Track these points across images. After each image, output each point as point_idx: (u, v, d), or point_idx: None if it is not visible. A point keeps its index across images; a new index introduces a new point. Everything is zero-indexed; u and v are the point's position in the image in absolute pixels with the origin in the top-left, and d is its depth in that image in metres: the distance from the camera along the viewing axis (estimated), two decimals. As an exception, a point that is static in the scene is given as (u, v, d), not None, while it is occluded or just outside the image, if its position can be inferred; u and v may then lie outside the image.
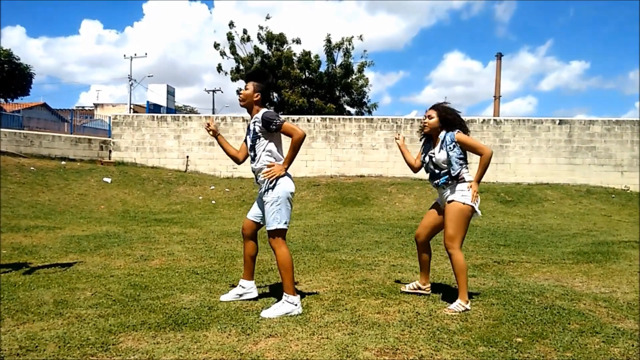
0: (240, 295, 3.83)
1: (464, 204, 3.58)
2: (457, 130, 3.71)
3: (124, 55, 50.09)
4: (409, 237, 7.44)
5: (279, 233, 3.56)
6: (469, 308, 3.50)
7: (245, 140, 3.80)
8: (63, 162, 15.58)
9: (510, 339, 2.94)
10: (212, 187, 15.28)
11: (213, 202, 13.61)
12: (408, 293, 3.95)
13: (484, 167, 3.62)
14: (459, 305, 3.48)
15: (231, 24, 23.85)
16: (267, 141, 3.61)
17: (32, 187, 12.34)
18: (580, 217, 11.73)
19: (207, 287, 4.24)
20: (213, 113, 39.90)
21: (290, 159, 3.60)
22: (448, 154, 3.64)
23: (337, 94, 24.23)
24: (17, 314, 3.39)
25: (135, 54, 39.66)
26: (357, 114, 24.50)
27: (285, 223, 3.58)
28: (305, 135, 3.60)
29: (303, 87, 23.30)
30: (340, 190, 14.66)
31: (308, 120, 18.03)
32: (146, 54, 54.54)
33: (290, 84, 22.78)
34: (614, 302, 3.79)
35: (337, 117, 18.69)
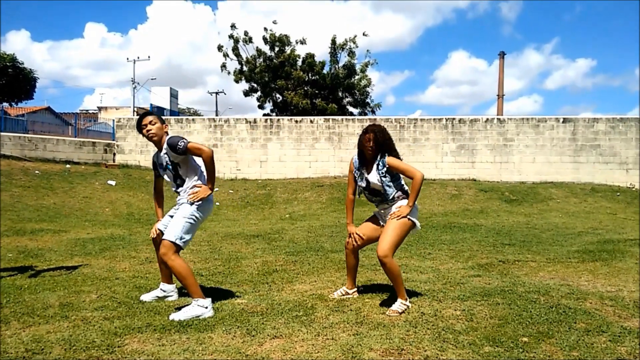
0: (161, 297, 3.87)
1: (407, 217, 3.59)
2: (386, 155, 3.65)
3: (127, 59, 50.32)
4: (413, 238, 7.43)
5: (175, 247, 3.44)
6: (409, 305, 3.54)
7: (161, 176, 3.85)
8: (67, 166, 15.64)
9: (516, 338, 2.93)
10: (216, 189, 15.30)
11: (217, 203, 13.63)
12: (336, 298, 3.86)
13: (416, 192, 3.60)
14: (401, 304, 3.49)
15: (233, 26, 23.92)
16: (187, 166, 3.63)
17: (37, 190, 12.39)
18: (585, 215, 11.68)
19: (211, 289, 4.24)
20: (216, 115, 39.99)
21: (212, 180, 3.60)
22: (381, 179, 3.63)
23: (340, 94, 24.24)
24: (23, 317, 3.41)
25: (138, 57, 39.86)
26: (360, 114, 24.50)
27: (185, 242, 3.51)
28: (212, 153, 3.58)
29: (306, 89, 23.32)
30: (344, 190, 14.62)
31: (311, 121, 18.03)
32: (149, 57, 54.73)
33: (293, 86, 22.80)
34: (621, 300, 3.77)
35: (340, 117, 18.69)
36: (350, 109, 24.88)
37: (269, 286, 4.37)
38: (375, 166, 3.65)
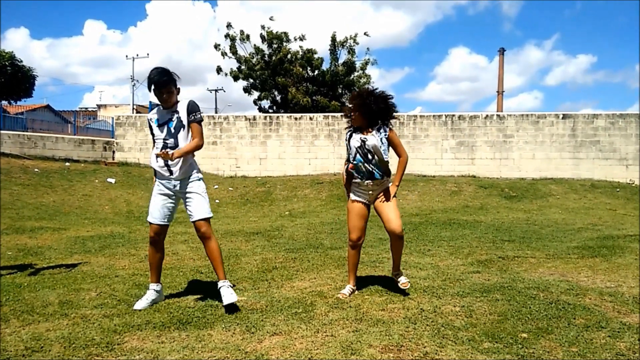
0: (156, 301, 3.69)
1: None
2: (388, 127, 3.78)
3: (126, 56, 50.23)
4: (413, 234, 7.43)
5: (209, 221, 3.65)
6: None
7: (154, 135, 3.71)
8: (67, 163, 15.63)
9: (516, 334, 2.93)
10: (216, 187, 15.30)
11: (217, 201, 13.63)
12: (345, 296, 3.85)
13: (403, 169, 3.83)
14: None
15: (229, 25, 23.86)
16: (186, 134, 3.65)
17: (37, 188, 12.39)
18: (585, 211, 11.68)
19: (211, 286, 4.24)
20: (216, 112, 39.95)
21: (185, 151, 3.60)
22: (381, 142, 3.69)
23: (340, 91, 24.21)
24: (23, 314, 3.41)
25: (138, 55, 39.72)
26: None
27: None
28: (201, 147, 3.72)
29: (306, 85, 23.29)
30: (344, 188, 14.64)
31: (310, 118, 18.02)
32: (148, 54, 54.58)
33: (293, 82, 22.77)
34: (620, 296, 3.77)
35: (339, 114, 18.67)
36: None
37: (268, 283, 4.37)
38: (376, 130, 3.71)
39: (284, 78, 22.56)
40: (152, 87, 3.59)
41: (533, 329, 3.02)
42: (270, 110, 24.37)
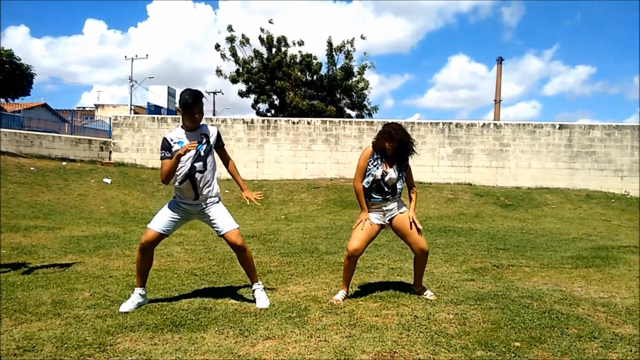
0: (142, 304, 3.67)
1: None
2: (408, 160, 4.02)
3: (125, 57, 50.20)
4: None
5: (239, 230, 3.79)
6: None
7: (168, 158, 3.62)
8: (63, 163, 15.58)
9: (509, 343, 2.94)
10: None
11: (213, 203, 13.61)
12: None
13: (416, 200, 4.24)
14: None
15: (229, 28, 23.90)
16: (214, 157, 3.81)
17: (32, 187, 12.34)
18: (579, 221, 11.73)
19: (205, 289, 4.24)
20: (214, 115, 39.94)
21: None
22: (399, 177, 3.94)
23: (338, 96, 24.24)
24: (15, 314, 3.39)
25: (137, 55, 39.71)
26: (357, 116, 24.51)
27: None
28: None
29: (304, 89, 23.32)
30: (340, 192, 14.65)
31: (308, 123, 18.04)
32: (147, 55, 54.67)
33: (291, 86, 22.80)
34: (613, 307, 3.79)
35: (337, 119, 18.71)
36: (348, 111, 24.89)
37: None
38: (397, 164, 3.90)
39: (284, 82, 22.59)
40: (190, 104, 3.58)
41: (526, 338, 3.03)
42: (268, 114, 24.39)
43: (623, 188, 16.67)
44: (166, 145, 3.61)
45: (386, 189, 3.90)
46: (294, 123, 18.04)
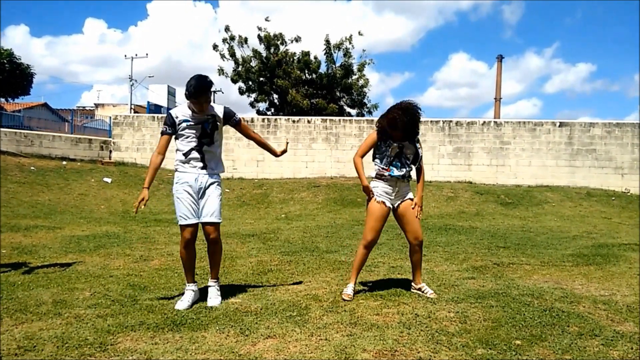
0: (196, 301, 3.73)
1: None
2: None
3: (125, 56, 50.19)
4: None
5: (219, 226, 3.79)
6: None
7: (173, 134, 3.77)
8: (63, 162, 15.58)
9: (509, 341, 2.94)
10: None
11: (213, 202, 13.61)
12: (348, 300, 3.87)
13: (424, 180, 4.14)
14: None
15: (227, 29, 23.88)
16: (220, 135, 3.94)
17: (32, 186, 12.34)
18: (580, 219, 11.72)
19: (206, 288, 4.23)
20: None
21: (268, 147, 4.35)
22: (418, 150, 3.95)
23: (338, 94, 24.22)
24: (16, 313, 3.39)
25: (136, 54, 39.72)
26: (357, 115, 24.50)
27: None
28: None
29: (304, 88, 23.30)
30: (341, 191, 14.65)
31: (308, 122, 18.03)
32: (147, 54, 54.64)
33: (292, 84, 22.78)
34: (614, 304, 3.79)
35: (337, 118, 18.70)
36: (348, 109, 24.88)
37: (263, 286, 4.37)
38: (412, 141, 3.89)
39: (282, 80, 22.57)
40: (193, 94, 3.59)
41: (527, 336, 3.03)
42: (268, 113, 24.37)
43: (623, 186, 16.66)
44: (170, 121, 3.73)
45: (397, 167, 3.87)
46: (294, 122, 18.04)
